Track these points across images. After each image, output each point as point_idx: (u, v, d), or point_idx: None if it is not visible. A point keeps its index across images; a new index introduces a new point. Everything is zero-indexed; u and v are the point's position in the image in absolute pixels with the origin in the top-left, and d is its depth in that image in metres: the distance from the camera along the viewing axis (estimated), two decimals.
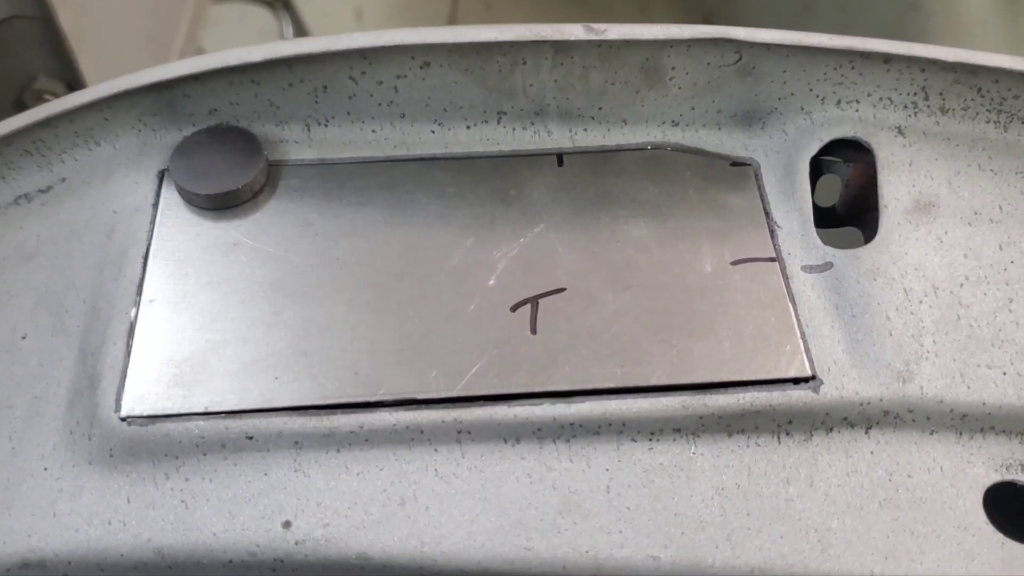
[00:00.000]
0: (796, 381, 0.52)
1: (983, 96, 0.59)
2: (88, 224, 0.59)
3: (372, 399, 0.51)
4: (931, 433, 0.53)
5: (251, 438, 0.50)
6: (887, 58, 0.58)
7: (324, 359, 0.53)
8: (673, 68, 0.59)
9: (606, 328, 0.54)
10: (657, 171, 0.61)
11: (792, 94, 0.60)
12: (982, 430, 0.53)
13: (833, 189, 0.64)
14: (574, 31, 0.57)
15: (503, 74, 0.60)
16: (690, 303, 0.55)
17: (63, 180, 0.62)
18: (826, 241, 0.58)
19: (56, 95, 0.93)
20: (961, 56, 0.57)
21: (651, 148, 0.62)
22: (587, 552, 0.48)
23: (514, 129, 0.62)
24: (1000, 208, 0.58)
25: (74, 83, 0.92)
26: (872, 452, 0.52)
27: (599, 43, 0.58)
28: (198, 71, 0.59)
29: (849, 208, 0.63)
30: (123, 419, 0.51)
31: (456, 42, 0.58)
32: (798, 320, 0.54)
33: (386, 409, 0.51)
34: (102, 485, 0.50)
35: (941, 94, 0.59)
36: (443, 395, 0.52)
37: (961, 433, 0.53)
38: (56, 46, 0.88)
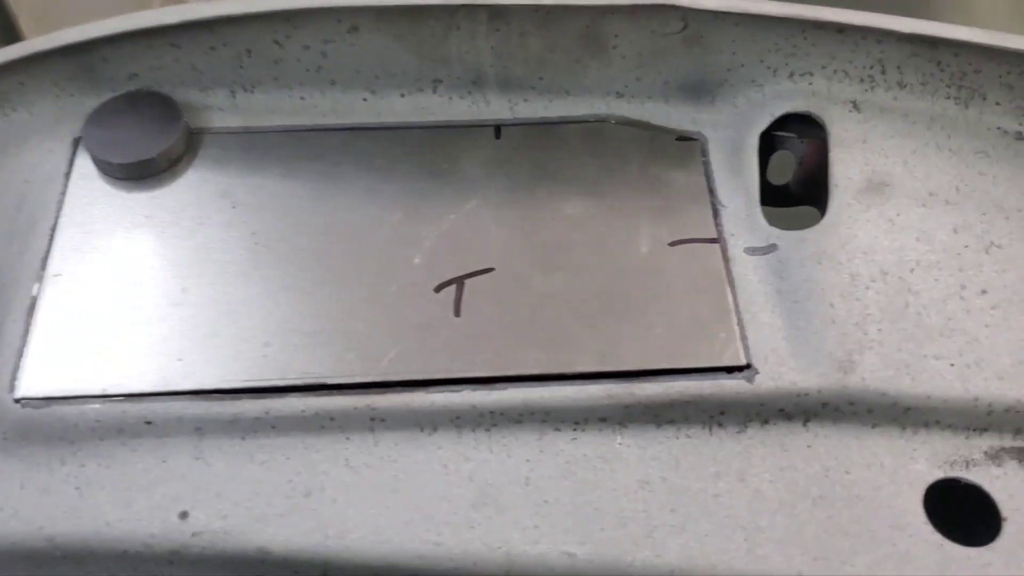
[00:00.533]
0: (730, 370, 0.49)
1: (943, 70, 0.56)
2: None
3: (280, 383, 0.48)
4: (873, 427, 0.50)
5: (150, 423, 0.48)
6: (841, 28, 0.55)
7: (232, 340, 0.50)
8: (616, 36, 0.56)
9: (533, 311, 0.51)
10: (599, 145, 0.58)
11: (742, 65, 0.57)
12: (927, 424, 0.50)
13: (788, 166, 0.61)
14: None
15: (436, 40, 0.56)
16: (623, 286, 0.52)
17: None
18: (773, 222, 0.55)
19: None
20: (919, 27, 0.53)
21: (594, 120, 0.59)
22: (499, 548, 0.46)
23: (451, 98, 0.59)
24: (957, 189, 0.55)
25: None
26: (809, 446, 0.49)
27: (536, 8, 0.54)
28: (114, 33, 0.56)
29: (804, 186, 0.60)
30: (17, 401, 0.48)
31: (384, 5, 0.54)
32: (736, 305, 0.51)
33: (295, 394, 0.48)
34: None
35: (899, 67, 0.56)
36: (356, 380, 0.49)
37: (904, 427, 0.50)
38: None
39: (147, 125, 0.57)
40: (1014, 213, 0.54)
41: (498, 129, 0.58)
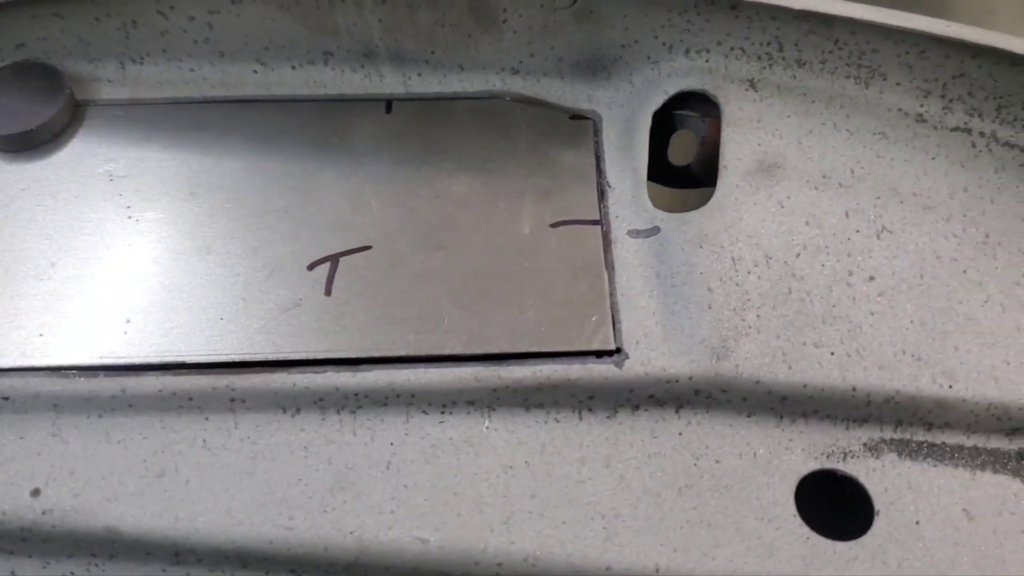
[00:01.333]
0: (599, 354, 0.48)
1: (841, 48, 0.54)
2: None
3: (137, 361, 0.48)
4: (748, 416, 0.49)
5: (7, 399, 0.47)
6: (733, 3, 0.53)
7: (94, 316, 0.49)
8: (504, 10, 0.54)
9: (406, 292, 0.50)
10: (491, 122, 0.56)
11: (636, 41, 0.55)
12: (804, 415, 0.49)
13: (691, 146, 0.59)
14: None
15: (322, 11, 0.55)
16: (499, 267, 0.51)
17: None
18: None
19: None
20: (810, 4, 0.52)
21: (488, 97, 0.57)
22: (352, 533, 0.45)
23: (343, 71, 0.58)
24: (852, 172, 0.53)
25: None
26: (681, 433, 0.48)
27: None
28: None
29: (705, 167, 0.59)
30: None
31: None
32: (612, 288, 0.50)
33: (152, 373, 0.47)
34: None
35: (796, 45, 0.54)
36: (215, 359, 0.48)
37: (781, 417, 0.49)
38: None
39: (30, 96, 0.56)
40: (909, 197, 0.53)
41: (389, 104, 0.57)
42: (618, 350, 0.48)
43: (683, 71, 0.55)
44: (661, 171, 0.58)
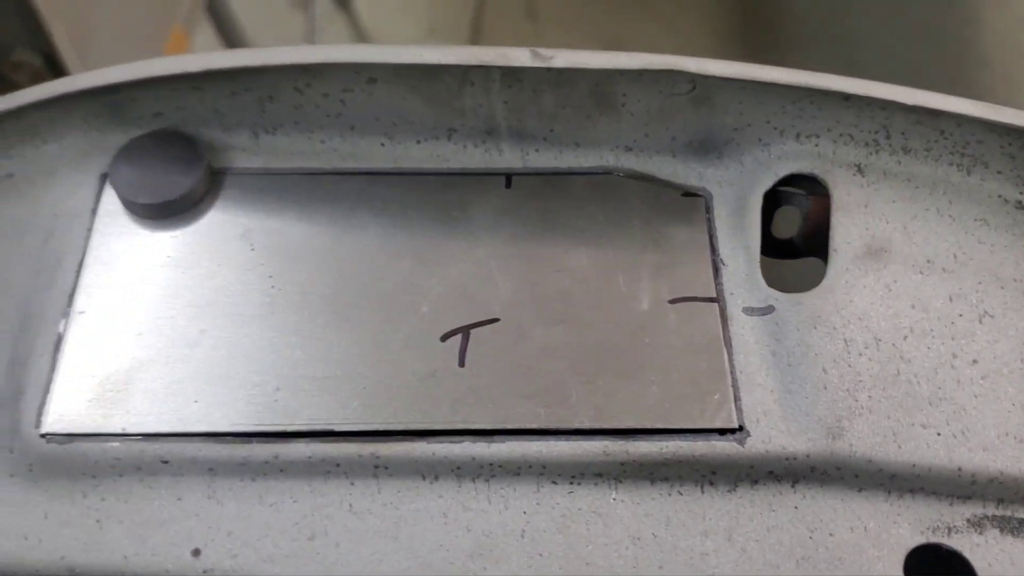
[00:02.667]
0: (722, 431, 0.51)
1: (946, 138, 0.57)
2: (28, 225, 0.59)
3: (289, 429, 0.51)
4: (859, 491, 0.52)
5: (166, 462, 0.50)
6: (846, 96, 0.56)
7: (244, 384, 0.52)
8: (624, 95, 0.57)
9: (534, 364, 0.53)
10: (606, 197, 0.59)
11: (749, 125, 0.58)
12: (911, 491, 0.52)
13: (794, 220, 0.62)
14: (520, 57, 0.55)
15: (451, 93, 0.58)
16: (621, 342, 0.54)
17: (10, 175, 0.61)
18: (771, 282, 0.56)
19: (33, 66, 0.92)
20: (920, 99, 0.54)
21: (601, 172, 0.60)
22: None
23: (465, 146, 0.61)
24: (955, 257, 0.56)
25: (51, 55, 0.91)
26: (796, 507, 0.51)
27: (548, 70, 0.56)
28: (137, 78, 0.58)
29: (808, 241, 0.61)
30: (43, 436, 0.51)
31: (401, 63, 0.56)
32: (731, 367, 0.53)
33: (302, 440, 0.51)
34: (21, 499, 0.50)
35: (903, 133, 0.57)
36: (361, 428, 0.51)
37: (890, 492, 0.52)
38: (30, 20, 0.87)
39: (171, 165, 0.59)
40: (1009, 283, 0.55)
41: (509, 178, 0.60)
42: (740, 428, 0.51)
43: (793, 154, 0.58)
44: (767, 245, 0.61)
